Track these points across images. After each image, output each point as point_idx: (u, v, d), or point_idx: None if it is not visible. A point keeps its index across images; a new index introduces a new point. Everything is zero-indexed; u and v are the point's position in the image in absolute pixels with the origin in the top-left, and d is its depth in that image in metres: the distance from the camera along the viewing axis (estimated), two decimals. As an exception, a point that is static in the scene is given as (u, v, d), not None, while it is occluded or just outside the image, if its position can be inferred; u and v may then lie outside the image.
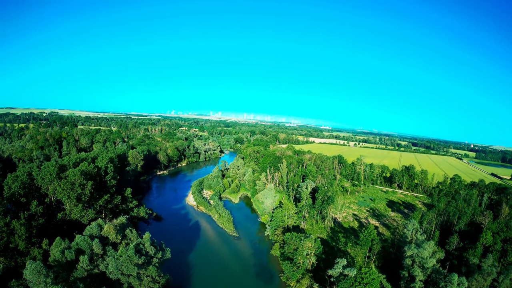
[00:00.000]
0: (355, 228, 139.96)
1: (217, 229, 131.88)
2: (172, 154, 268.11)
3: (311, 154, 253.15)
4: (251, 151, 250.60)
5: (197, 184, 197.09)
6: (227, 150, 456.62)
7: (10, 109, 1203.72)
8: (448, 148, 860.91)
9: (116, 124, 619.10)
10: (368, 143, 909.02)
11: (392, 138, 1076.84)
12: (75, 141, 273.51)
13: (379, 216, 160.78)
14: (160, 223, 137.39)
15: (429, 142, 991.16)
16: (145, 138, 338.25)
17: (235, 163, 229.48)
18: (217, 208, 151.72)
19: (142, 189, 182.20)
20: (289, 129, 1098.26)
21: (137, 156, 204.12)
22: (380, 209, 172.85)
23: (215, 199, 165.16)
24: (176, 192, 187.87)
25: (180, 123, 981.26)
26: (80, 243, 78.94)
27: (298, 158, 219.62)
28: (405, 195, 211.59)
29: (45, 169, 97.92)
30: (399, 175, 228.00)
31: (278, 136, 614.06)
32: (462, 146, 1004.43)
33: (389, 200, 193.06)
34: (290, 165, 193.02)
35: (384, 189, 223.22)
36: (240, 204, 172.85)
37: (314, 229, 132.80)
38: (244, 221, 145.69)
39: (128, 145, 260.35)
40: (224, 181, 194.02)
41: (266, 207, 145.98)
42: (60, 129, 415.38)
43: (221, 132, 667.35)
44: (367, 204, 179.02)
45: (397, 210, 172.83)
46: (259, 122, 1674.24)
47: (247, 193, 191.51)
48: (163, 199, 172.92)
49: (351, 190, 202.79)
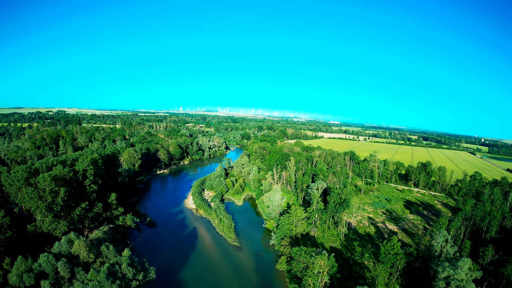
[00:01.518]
0: (372, 235, 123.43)
1: (216, 237, 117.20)
2: (174, 152, 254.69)
3: (320, 150, 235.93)
4: (257, 148, 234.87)
5: (198, 184, 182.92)
6: (233, 146, 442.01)
7: (18, 108, 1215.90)
8: (460, 142, 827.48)
9: (121, 122, 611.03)
10: (378, 137, 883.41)
11: (402, 133, 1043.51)
12: (73, 139, 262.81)
13: (397, 219, 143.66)
14: (153, 230, 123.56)
15: (439, 136, 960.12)
16: (147, 135, 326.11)
17: (240, 161, 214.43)
18: (218, 212, 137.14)
19: (138, 191, 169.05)
20: (297, 124, 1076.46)
21: (134, 155, 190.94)
22: (397, 211, 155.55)
23: (216, 202, 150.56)
24: (175, 194, 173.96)
25: (187, 119, 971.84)
26: (43, 264, 65.13)
27: (307, 155, 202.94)
28: (422, 194, 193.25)
29: (13, 174, 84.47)
30: (415, 172, 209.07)
31: (286, 132, 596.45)
32: (473, 140, 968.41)
33: (406, 200, 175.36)
34: (298, 162, 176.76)
35: (399, 188, 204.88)
36: (244, 207, 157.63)
37: (325, 236, 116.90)
38: (247, 227, 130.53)
39: (128, 143, 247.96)
40: (227, 181, 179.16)
41: (272, 211, 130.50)
42: (63, 128, 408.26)
43: (228, 128, 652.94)
44: (383, 205, 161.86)
45: (416, 212, 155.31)
46: (267, 118, 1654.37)
47: (252, 193, 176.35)
48: (160, 201, 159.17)
49: (365, 189, 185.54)
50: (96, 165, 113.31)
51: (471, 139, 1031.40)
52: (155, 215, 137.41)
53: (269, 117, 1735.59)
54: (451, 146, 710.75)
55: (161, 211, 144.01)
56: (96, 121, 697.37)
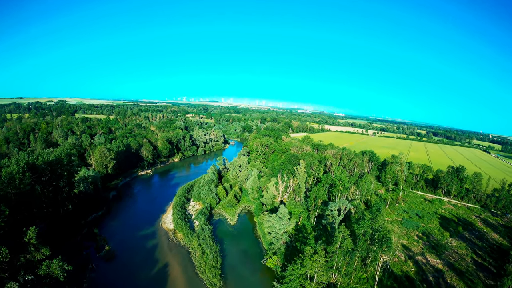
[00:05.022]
0: (412, 276, 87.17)
1: (194, 283, 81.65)
2: (162, 148, 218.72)
3: (334, 149, 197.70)
4: (258, 145, 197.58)
5: (182, 193, 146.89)
6: (233, 140, 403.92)
7: (20, 99, 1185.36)
8: (470, 139, 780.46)
9: (115, 112, 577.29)
10: (387, 131, 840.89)
11: (410, 127, 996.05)
12: (48, 133, 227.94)
13: (437, 247, 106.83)
14: (111, 265, 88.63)
15: (448, 132, 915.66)
16: (136, 128, 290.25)
17: (237, 161, 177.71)
18: (202, 237, 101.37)
19: (105, 202, 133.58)
20: (302, 115, 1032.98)
21: (106, 154, 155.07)
22: (434, 233, 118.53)
23: (202, 220, 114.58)
24: (153, 204, 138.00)
25: (188, 109, 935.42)
26: None
27: (320, 156, 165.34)
28: (455, 205, 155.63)
29: None
30: (447, 178, 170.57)
31: (291, 124, 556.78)
32: (483, 137, 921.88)
33: (439, 214, 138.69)
34: (310, 167, 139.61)
35: (427, 197, 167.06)
36: (239, 226, 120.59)
37: (351, 283, 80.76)
38: (240, 264, 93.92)
39: (107, 138, 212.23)
40: (219, 189, 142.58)
41: (275, 241, 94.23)
42: (54, 118, 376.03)
43: (229, 120, 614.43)
44: (415, 224, 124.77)
45: (457, 235, 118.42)
46: (271, 109, 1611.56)
47: (250, 205, 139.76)
48: (129, 217, 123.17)
49: (389, 199, 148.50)
50: (22, 173, 78.10)
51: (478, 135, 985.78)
52: (119, 240, 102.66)
53: (273, 108, 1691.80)
54: (463, 143, 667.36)
55: (128, 233, 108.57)
56: (93, 111, 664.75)
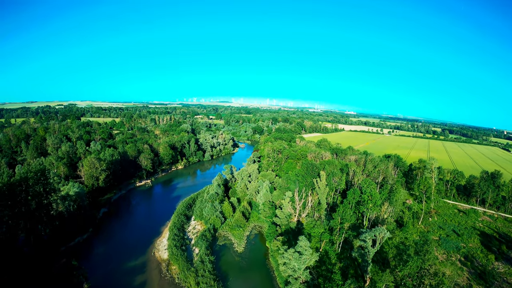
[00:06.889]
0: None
1: None
2: (164, 154, 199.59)
3: (355, 153, 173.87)
4: (270, 150, 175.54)
5: (182, 210, 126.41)
6: (243, 143, 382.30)
7: (31, 103, 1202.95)
8: (487, 136, 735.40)
9: (121, 115, 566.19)
10: (401, 130, 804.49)
11: (425, 125, 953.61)
12: (43, 140, 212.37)
13: (483, 275, 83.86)
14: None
15: (463, 129, 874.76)
16: (138, 132, 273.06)
17: (246, 169, 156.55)
18: (200, 272, 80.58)
19: (93, 221, 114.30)
20: (314, 115, 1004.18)
21: (96, 165, 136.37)
22: (477, 255, 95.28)
23: (202, 248, 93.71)
24: (147, 224, 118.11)
25: (198, 111, 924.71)
26: None
27: (341, 164, 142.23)
28: (491, 216, 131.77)
29: None
30: (482, 186, 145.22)
31: (304, 124, 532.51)
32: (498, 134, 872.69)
33: (478, 229, 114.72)
34: (332, 178, 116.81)
35: (460, 207, 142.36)
36: (248, 254, 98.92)
37: None
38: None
39: (103, 145, 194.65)
40: (225, 206, 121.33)
41: (293, 282, 72.34)
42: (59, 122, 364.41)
43: (239, 120, 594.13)
44: (455, 244, 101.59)
45: (503, 256, 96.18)
46: (281, 108, 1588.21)
47: (262, 224, 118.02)
48: (117, 242, 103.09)
49: (420, 212, 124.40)
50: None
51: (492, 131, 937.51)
52: (102, 274, 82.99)
53: (284, 108, 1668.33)
54: (480, 141, 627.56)
55: (114, 263, 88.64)
56: (100, 114, 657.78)
